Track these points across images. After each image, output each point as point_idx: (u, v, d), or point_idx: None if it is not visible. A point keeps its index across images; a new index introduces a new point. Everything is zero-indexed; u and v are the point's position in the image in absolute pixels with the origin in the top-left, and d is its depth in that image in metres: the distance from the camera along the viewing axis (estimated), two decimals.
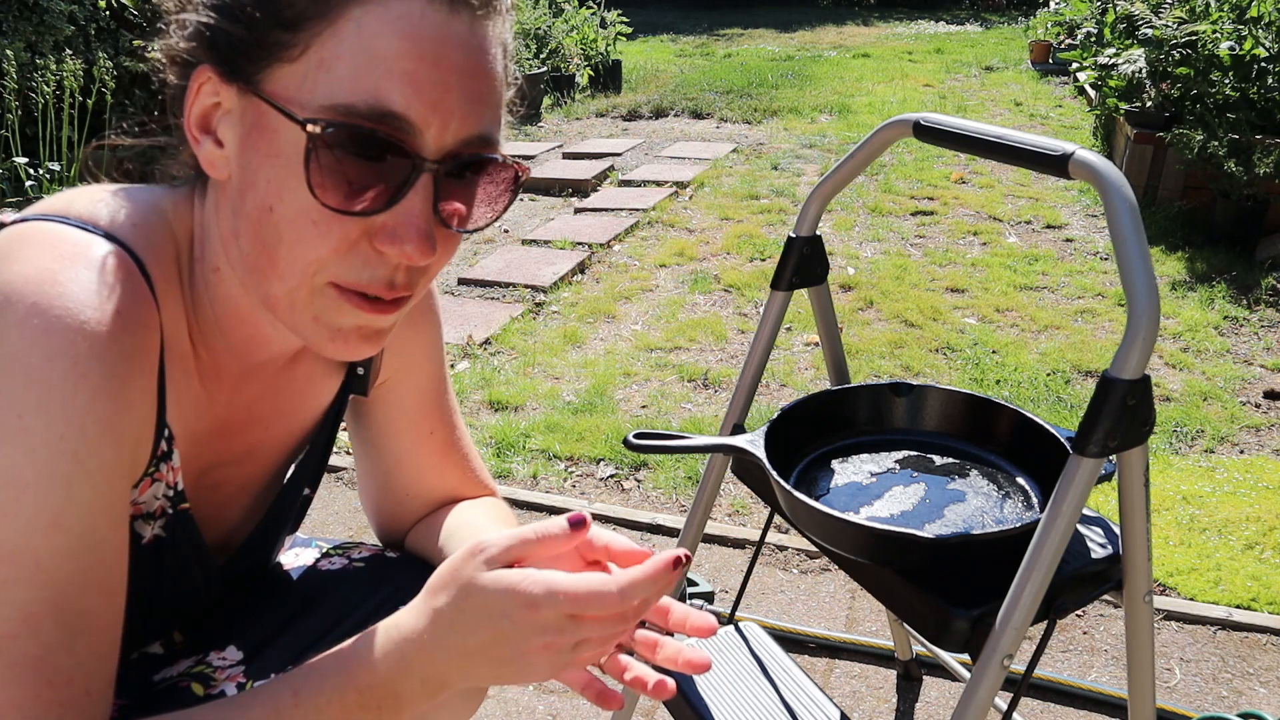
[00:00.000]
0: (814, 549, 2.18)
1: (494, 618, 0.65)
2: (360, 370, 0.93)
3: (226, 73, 0.68)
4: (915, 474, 1.16)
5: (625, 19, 9.12)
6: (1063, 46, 8.43)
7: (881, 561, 1.01)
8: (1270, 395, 3.01)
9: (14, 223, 0.70)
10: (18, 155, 3.90)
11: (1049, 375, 3.14)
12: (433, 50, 0.65)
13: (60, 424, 0.63)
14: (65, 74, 3.92)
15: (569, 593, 0.63)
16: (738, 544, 2.23)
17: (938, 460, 1.18)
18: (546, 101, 7.77)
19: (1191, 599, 2.05)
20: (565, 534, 0.67)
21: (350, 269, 0.69)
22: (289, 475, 0.96)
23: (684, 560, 0.65)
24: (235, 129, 0.69)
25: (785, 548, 2.22)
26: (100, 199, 0.74)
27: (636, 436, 1.08)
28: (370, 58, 0.64)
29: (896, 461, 1.18)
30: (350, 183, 0.66)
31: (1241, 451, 2.70)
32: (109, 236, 0.70)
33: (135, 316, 0.68)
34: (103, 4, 4.51)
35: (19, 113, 4.00)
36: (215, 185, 0.73)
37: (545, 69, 7.81)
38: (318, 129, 0.64)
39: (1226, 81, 4.38)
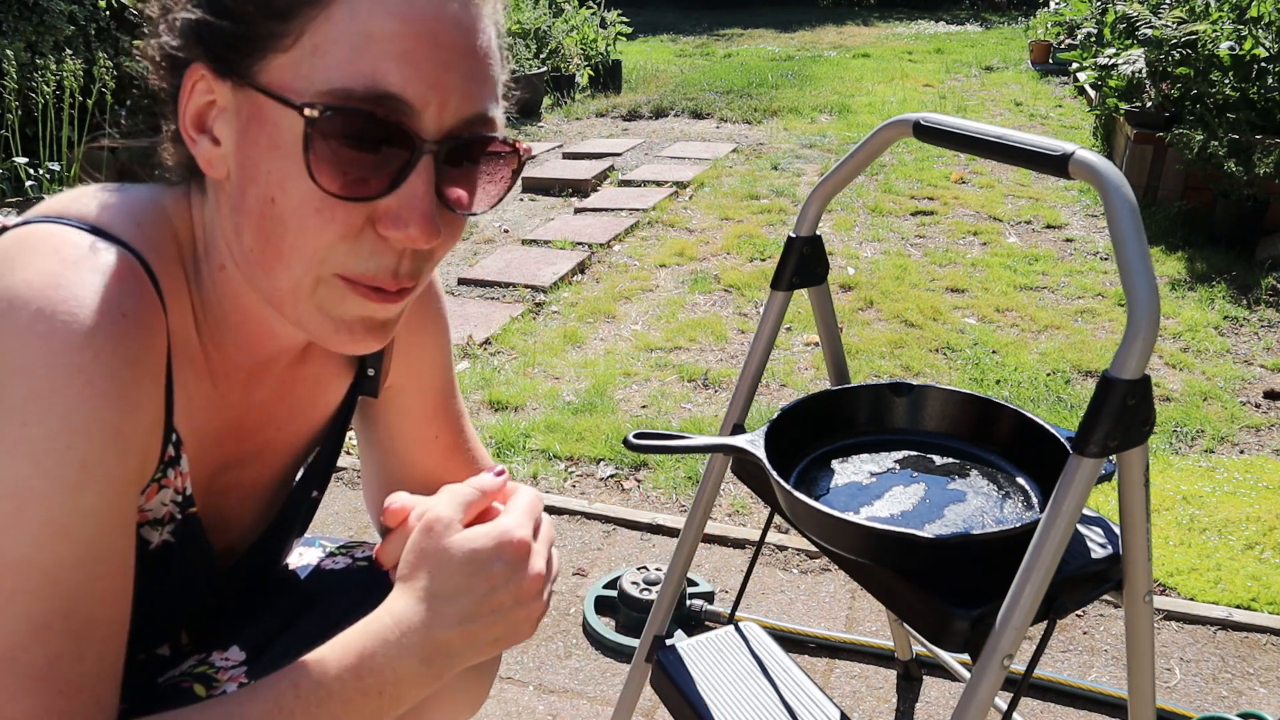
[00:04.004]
0: (814, 549, 2.18)
1: (484, 566, 0.71)
2: (371, 371, 0.94)
3: (220, 69, 0.68)
4: (915, 474, 1.16)
5: (625, 19, 9.12)
6: (1063, 46, 8.44)
7: (881, 561, 1.01)
8: (1270, 395, 3.01)
9: (15, 226, 0.69)
10: (18, 155, 3.90)
11: (1049, 375, 3.14)
12: (428, 29, 0.65)
13: (66, 432, 0.62)
14: (65, 74, 3.92)
15: (526, 512, 0.76)
16: (738, 544, 2.23)
17: (938, 460, 1.18)
18: (546, 101, 7.77)
19: (1191, 599, 2.05)
20: (499, 484, 0.78)
21: (356, 259, 0.68)
22: (298, 478, 0.96)
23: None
24: (232, 125, 0.68)
25: (785, 548, 2.22)
26: (101, 200, 0.73)
27: (636, 436, 1.08)
28: (365, 40, 0.64)
29: (896, 461, 1.18)
30: (351, 167, 0.65)
31: (1241, 451, 2.70)
32: (113, 238, 0.69)
33: (141, 320, 0.67)
34: (103, 4, 4.51)
35: (19, 113, 4.00)
36: (214, 184, 0.73)
37: (545, 69, 7.80)
38: (315, 113, 0.64)
39: (1226, 81, 4.38)
